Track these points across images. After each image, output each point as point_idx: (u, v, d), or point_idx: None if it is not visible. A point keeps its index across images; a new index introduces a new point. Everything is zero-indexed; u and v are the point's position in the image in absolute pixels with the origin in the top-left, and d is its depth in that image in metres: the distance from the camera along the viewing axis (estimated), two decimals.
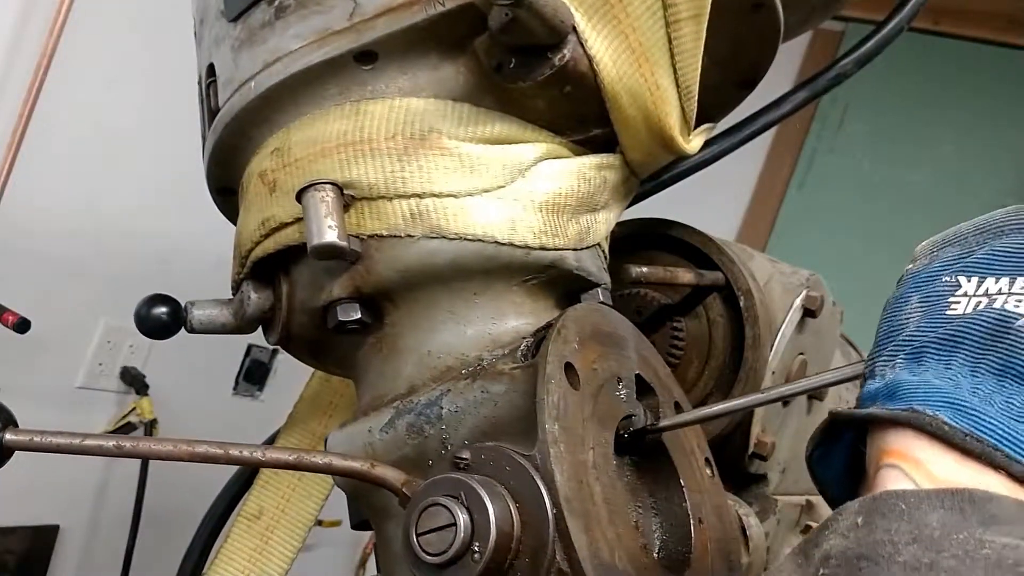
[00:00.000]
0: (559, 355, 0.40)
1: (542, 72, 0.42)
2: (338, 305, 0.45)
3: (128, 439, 0.38)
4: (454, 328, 0.45)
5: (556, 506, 0.36)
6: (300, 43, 0.45)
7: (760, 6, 0.51)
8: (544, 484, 0.36)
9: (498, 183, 0.44)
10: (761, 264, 0.65)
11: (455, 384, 0.42)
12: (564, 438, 0.38)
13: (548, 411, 0.37)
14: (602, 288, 0.49)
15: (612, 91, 0.44)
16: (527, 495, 0.36)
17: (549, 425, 0.37)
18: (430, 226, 0.43)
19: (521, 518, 0.36)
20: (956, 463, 0.30)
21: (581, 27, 0.43)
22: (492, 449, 0.38)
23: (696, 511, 0.45)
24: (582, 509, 0.37)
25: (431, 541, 0.36)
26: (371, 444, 0.44)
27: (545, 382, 0.38)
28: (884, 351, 0.34)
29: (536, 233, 0.45)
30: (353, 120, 0.45)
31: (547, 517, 0.36)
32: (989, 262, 0.33)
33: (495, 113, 0.45)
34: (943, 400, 0.31)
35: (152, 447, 0.39)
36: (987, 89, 2.28)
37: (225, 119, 0.48)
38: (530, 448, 0.37)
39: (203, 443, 0.39)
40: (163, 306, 0.51)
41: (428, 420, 0.42)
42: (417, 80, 0.45)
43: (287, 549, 0.64)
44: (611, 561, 0.37)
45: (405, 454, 0.43)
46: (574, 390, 0.40)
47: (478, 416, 0.41)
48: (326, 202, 0.42)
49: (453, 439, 0.41)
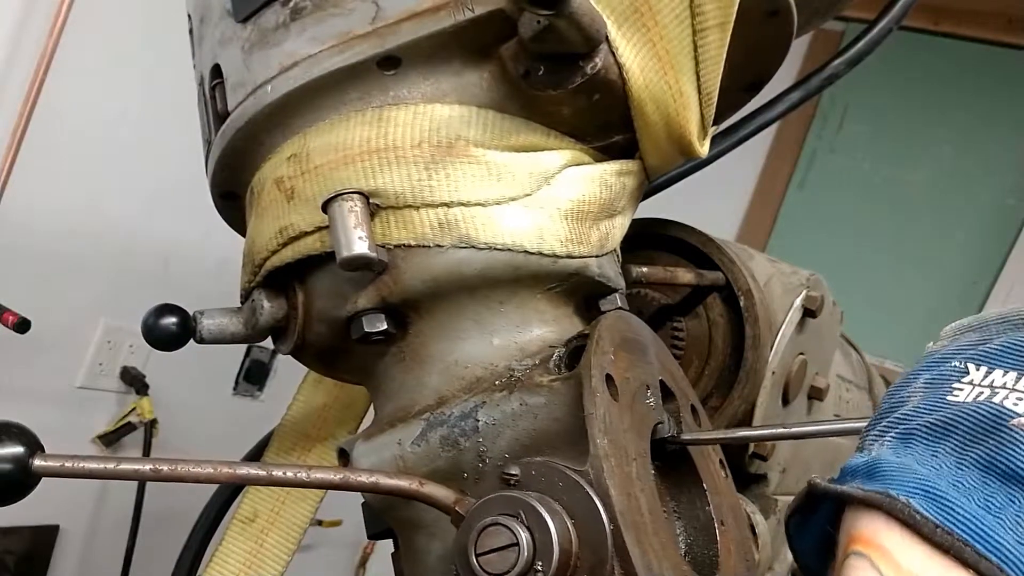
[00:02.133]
0: (600, 367, 0.39)
1: (573, 80, 0.42)
2: (363, 316, 0.44)
3: (165, 462, 0.36)
4: (480, 337, 0.45)
5: (613, 521, 0.35)
6: (319, 47, 0.44)
7: (776, 12, 0.51)
8: (600, 499, 0.36)
9: (525, 191, 0.44)
10: (761, 264, 0.65)
11: (490, 396, 0.42)
12: (612, 452, 0.37)
13: (597, 425, 0.37)
14: (620, 293, 0.49)
15: (638, 98, 0.44)
16: (583, 511, 0.36)
17: (600, 440, 0.37)
18: (459, 236, 0.43)
19: (578, 534, 0.36)
20: (925, 556, 0.29)
21: (612, 35, 0.42)
22: (542, 465, 0.38)
23: (718, 514, 0.45)
24: (634, 522, 0.37)
25: (492, 561, 0.36)
26: (402, 457, 0.43)
27: (591, 395, 0.38)
28: (878, 425, 0.34)
29: (563, 241, 0.44)
30: (376, 127, 0.43)
31: (605, 533, 0.35)
32: (1002, 353, 0.32)
33: (520, 120, 0.44)
34: (920, 487, 0.30)
35: (191, 470, 0.37)
36: (987, 89, 2.28)
37: (237, 123, 0.46)
38: (577, 462, 0.37)
39: (244, 465, 0.37)
40: (172, 316, 0.49)
41: (463, 433, 0.41)
42: (440, 86, 0.44)
43: (282, 552, 0.64)
44: (660, 571, 0.37)
45: (438, 467, 0.42)
46: (615, 402, 0.39)
47: (517, 429, 0.40)
48: (355, 212, 0.41)
49: (491, 452, 0.41)
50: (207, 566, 0.64)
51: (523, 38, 0.41)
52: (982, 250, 2.24)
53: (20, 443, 0.35)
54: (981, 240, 2.25)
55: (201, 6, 0.50)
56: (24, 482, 0.35)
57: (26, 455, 0.35)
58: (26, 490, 0.36)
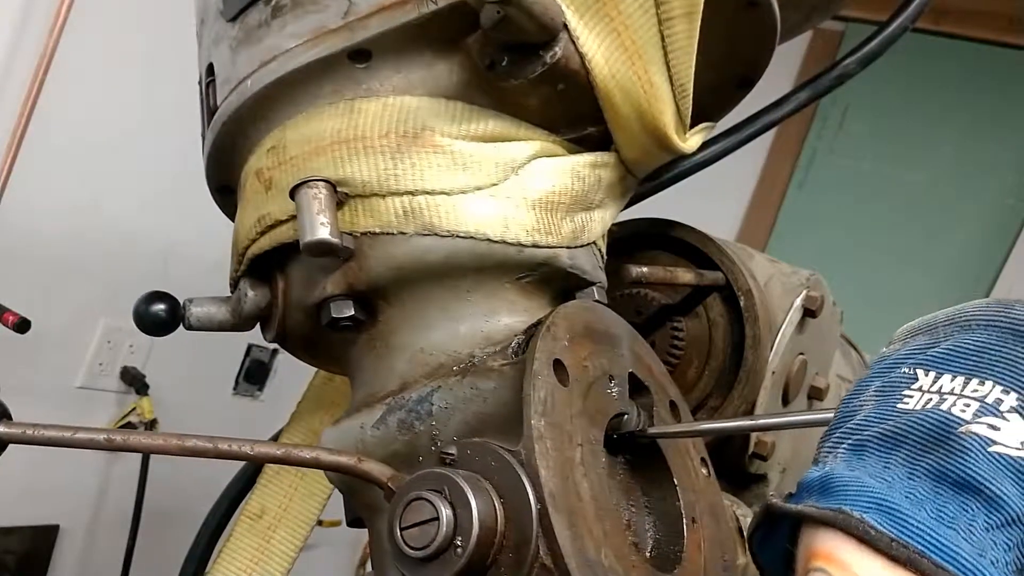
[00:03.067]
0: (548, 351, 0.40)
1: (533, 70, 0.43)
2: (331, 302, 0.45)
3: (119, 433, 0.39)
4: (447, 325, 0.46)
5: (540, 501, 0.36)
6: (296, 42, 0.45)
7: (755, 4, 0.51)
8: (528, 479, 0.36)
9: (491, 181, 0.44)
10: (761, 264, 0.65)
11: (446, 380, 0.42)
12: (550, 434, 0.38)
13: (534, 407, 0.37)
14: (597, 287, 0.49)
15: (605, 89, 0.44)
16: (511, 490, 0.36)
17: (535, 421, 0.37)
18: (423, 223, 0.44)
19: (505, 513, 0.36)
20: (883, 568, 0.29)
21: (572, 25, 0.43)
22: (478, 445, 0.39)
23: (689, 510, 0.45)
24: (567, 505, 0.37)
25: (414, 535, 0.36)
26: (362, 440, 0.44)
27: (532, 378, 0.38)
28: (833, 435, 0.34)
29: (529, 231, 0.45)
30: (347, 118, 0.45)
31: (531, 512, 0.36)
32: (949, 358, 0.32)
33: (488, 111, 0.45)
34: (873, 501, 0.30)
35: (143, 441, 0.40)
36: (988, 89, 2.27)
37: (223, 118, 0.48)
38: (516, 444, 0.37)
39: (192, 437, 0.39)
40: (161, 303, 0.51)
41: (418, 416, 0.42)
42: (411, 78, 0.45)
43: (289, 548, 0.64)
44: (597, 558, 0.37)
45: (396, 450, 0.43)
46: (562, 386, 0.40)
47: (467, 412, 0.41)
48: (319, 199, 0.42)
49: (443, 435, 0.41)
50: (215, 562, 0.64)
51: (485, 28, 0.42)
52: (982, 250, 2.24)
53: None
54: (981, 240, 2.24)
55: (202, 8, 0.52)
56: None
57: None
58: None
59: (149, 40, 1.57)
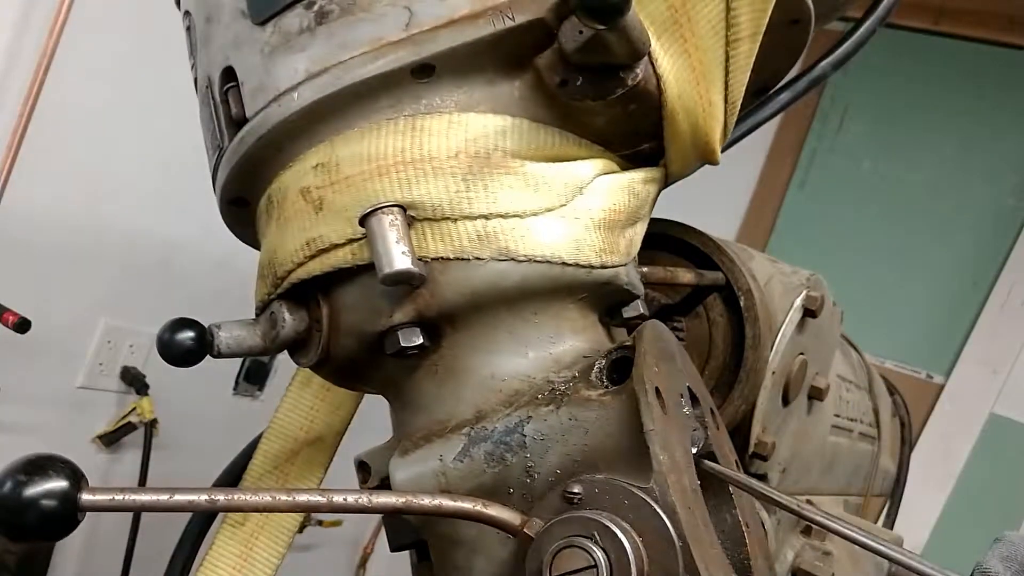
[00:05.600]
0: (651, 380, 0.39)
1: (614, 91, 0.41)
2: (399, 330, 0.43)
3: (222, 492, 0.35)
4: (515, 349, 0.44)
5: (681, 539, 0.35)
6: (350, 53, 0.42)
7: (798, 21, 0.51)
8: (667, 517, 0.35)
9: (560, 202, 0.43)
10: (761, 264, 0.65)
11: (536, 410, 0.41)
12: (671, 467, 0.37)
13: (658, 441, 0.37)
14: (640, 299, 0.49)
15: (671, 109, 0.44)
16: (651, 529, 0.35)
17: (662, 456, 0.36)
18: (498, 248, 0.42)
19: (647, 553, 0.35)
20: None
21: (652, 46, 0.42)
22: (605, 483, 0.37)
23: (744, 516, 0.45)
24: (697, 537, 0.36)
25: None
26: (444, 473, 0.42)
27: (648, 411, 0.37)
28: None
29: (598, 252, 0.44)
30: (410, 136, 0.42)
31: (675, 551, 0.35)
32: None
33: (554, 129, 0.44)
34: None
35: (248, 500, 0.36)
36: (987, 89, 2.28)
37: (259, 131, 0.45)
38: (638, 478, 0.36)
39: (304, 492, 0.36)
40: (187, 331, 0.47)
41: (509, 448, 0.41)
42: (473, 95, 0.43)
43: (272, 555, 0.63)
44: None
45: (483, 483, 0.41)
46: (664, 415, 0.39)
47: (568, 444, 0.39)
48: (396, 226, 0.40)
49: (539, 468, 0.40)
50: (198, 569, 0.64)
51: (564, 48, 0.40)
52: (982, 250, 2.24)
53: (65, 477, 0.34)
54: (981, 240, 2.24)
55: (206, 4, 0.49)
56: (72, 518, 0.34)
57: (73, 491, 0.34)
58: (73, 526, 0.34)
59: (149, 40, 1.57)
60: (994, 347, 2.22)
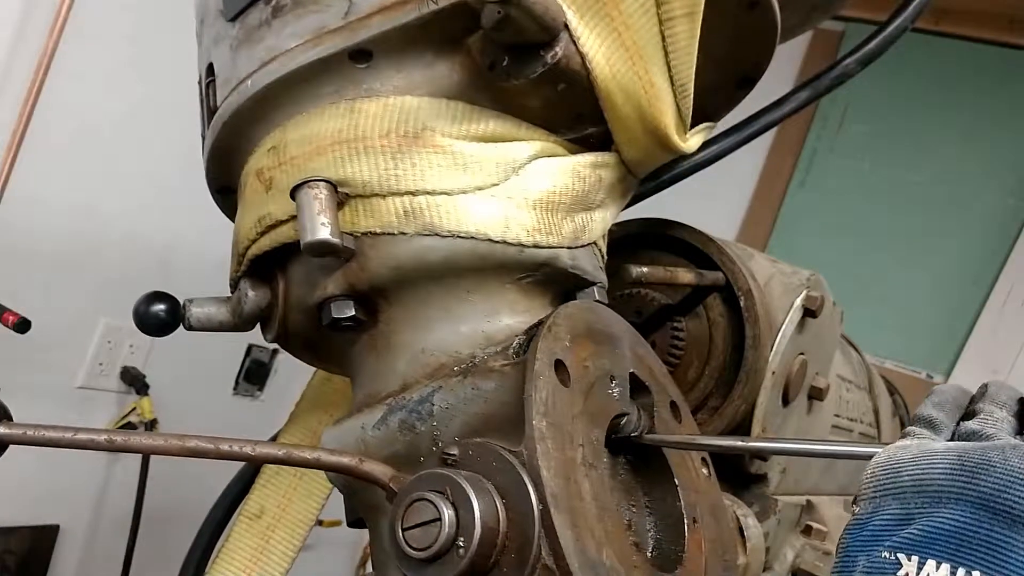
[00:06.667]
0: (549, 352, 0.40)
1: (534, 70, 0.43)
2: (332, 302, 0.45)
3: (120, 433, 0.39)
4: (448, 326, 0.46)
5: (542, 502, 0.36)
6: (296, 42, 0.45)
7: (755, 4, 0.51)
8: (530, 480, 0.36)
9: (492, 181, 0.44)
10: (761, 264, 0.65)
11: (447, 381, 0.42)
12: (552, 434, 0.38)
13: (536, 407, 0.37)
14: (598, 287, 0.49)
15: (605, 89, 0.44)
16: (513, 491, 0.36)
17: (536, 421, 0.37)
18: (423, 223, 0.44)
19: (507, 514, 0.36)
20: None
21: (573, 25, 0.43)
22: (479, 445, 0.39)
23: (690, 511, 0.45)
24: (569, 505, 0.37)
25: (416, 536, 0.36)
26: (363, 440, 0.44)
27: (533, 379, 0.38)
28: None
29: (530, 231, 0.45)
30: (348, 118, 0.45)
31: (533, 513, 0.36)
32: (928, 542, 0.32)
33: (489, 111, 0.45)
34: None
35: (143, 441, 0.39)
36: (988, 89, 2.27)
37: (223, 118, 0.48)
38: (518, 445, 0.37)
39: (193, 438, 0.39)
40: (161, 303, 0.50)
41: (419, 417, 0.42)
42: (412, 78, 0.45)
43: (288, 548, 0.64)
44: (598, 558, 0.37)
45: (396, 451, 0.43)
46: (563, 387, 0.40)
47: (468, 413, 0.41)
48: (319, 199, 0.42)
49: (444, 436, 0.41)
50: (214, 562, 0.64)
51: (486, 28, 0.41)
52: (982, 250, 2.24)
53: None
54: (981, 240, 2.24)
55: (201, 8, 0.52)
56: None
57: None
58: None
59: (149, 40, 1.57)
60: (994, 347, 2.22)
